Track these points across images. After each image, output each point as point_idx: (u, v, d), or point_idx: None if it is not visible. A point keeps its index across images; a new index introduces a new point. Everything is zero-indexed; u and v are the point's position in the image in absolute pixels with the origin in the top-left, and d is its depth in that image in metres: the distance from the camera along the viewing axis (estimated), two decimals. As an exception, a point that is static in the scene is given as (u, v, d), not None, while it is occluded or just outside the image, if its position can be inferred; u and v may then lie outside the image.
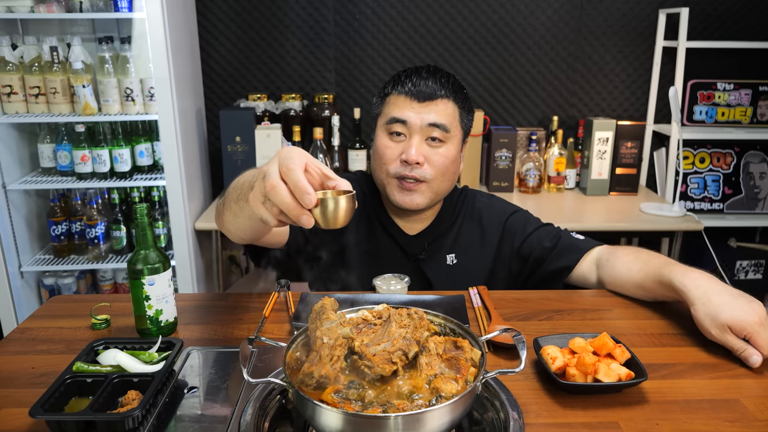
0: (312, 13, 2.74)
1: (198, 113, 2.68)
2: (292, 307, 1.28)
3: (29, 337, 1.17)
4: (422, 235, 1.43)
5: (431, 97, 1.29)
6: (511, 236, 1.45)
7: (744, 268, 2.93)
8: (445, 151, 1.31)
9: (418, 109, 1.29)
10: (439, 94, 1.30)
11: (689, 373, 1.04)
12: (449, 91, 1.31)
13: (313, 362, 0.83)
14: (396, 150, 1.32)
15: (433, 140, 1.30)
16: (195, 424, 0.90)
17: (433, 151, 1.31)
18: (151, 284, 1.11)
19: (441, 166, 1.31)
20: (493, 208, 1.49)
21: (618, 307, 1.30)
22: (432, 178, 1.31)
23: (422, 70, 1.33)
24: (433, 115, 1.29)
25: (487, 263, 1.44)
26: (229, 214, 1.07)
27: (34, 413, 0.83)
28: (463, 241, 1.45)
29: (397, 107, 1.31)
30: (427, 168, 1.30)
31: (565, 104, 2.90)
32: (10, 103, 2.31)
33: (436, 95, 1.29)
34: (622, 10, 2.78)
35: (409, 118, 1.29)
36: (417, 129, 1.29)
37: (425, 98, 1.29)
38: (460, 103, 1.34)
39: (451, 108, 1.31)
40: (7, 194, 2.40)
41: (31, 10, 2.26)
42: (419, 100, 1.29)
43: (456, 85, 1.34)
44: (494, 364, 1.06)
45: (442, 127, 1.29)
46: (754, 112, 2.86)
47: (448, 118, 1.30)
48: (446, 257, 1.44)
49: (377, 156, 1.35)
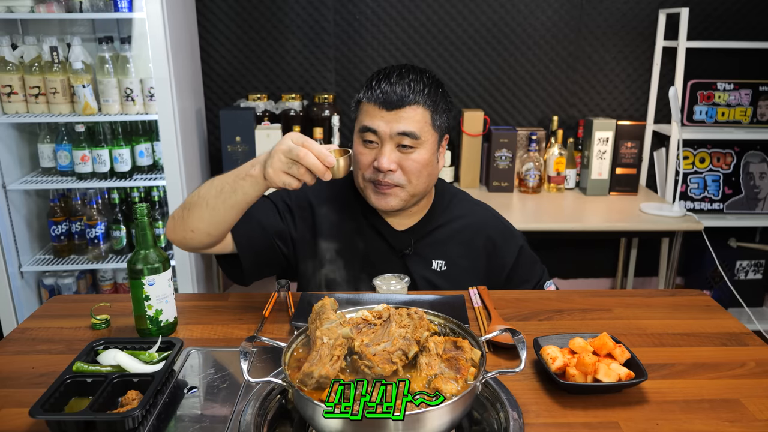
0: (312, 13, 2.74)
1: (198, 113, 2.68)
2: (292, 307, 1.28)
3: (29, 337, 1.17)
4: (410, 231, 1.45)
5: (399, 105, 1.28)
6: (500, 266, 1.48)
7: (744, 268, 2.93)
8: (417, 156, 1.32)
9: (387, 117, 1.29)
10: (407, 101, 1.28)
11: (689, 373, 1.04)
12: (419, 95, 1.29)
13: (313, 362, 0.83)
14: (369, 156, 1.33)
15: (404, 147, 1.31)
16: (195, 424, 0.90)
17: (405, 156, 1.31)
18: (151, 284, 1.11)
19: (413, 170, 1.32)
20: (487, 225, 1.49)
21: (618, 307, 1.30)
22: (406, 182, 1.33)
23: (393, 74, 1.31)
24: (402, 123, 1.28)
25: (471, 278, 1.45)
26: (204, 212, 1.21)
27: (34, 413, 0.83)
28: (454, 252, 1.46)
29: (368, 116, 1.31)
30: (399, 174, 1.32)
31: (565, 104, 2.90)
32: (10, 103, 2.31)
33: (404, 102, 1.28)
34: (622, 10, 2.78)
35: (378, 127, 1.29)
36: (387, 137, 1.30)
37: (393, 106, 1.28)
38: (432, 107, 1.32)
39: (420, 113, 1.30)
40: (7, 194, 2.40)
41: (31, 10, 2.26)
42: (387, 108, 1.29)
43: (429, 86, 1.32)
44: (494, 364, 1.06)
45: (411, 135, 1.29)
46: (754, 112, 2.86)
47: (417, 125, 1.29)
48: (433, 262, 1.45)
49: (354, 161, 1.37)
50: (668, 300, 1.34)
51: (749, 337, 1.17)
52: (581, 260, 3.14)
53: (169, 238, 1.30)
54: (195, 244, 1.28)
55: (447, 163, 2.77)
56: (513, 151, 2.70)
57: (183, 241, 1.29)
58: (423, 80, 1.32)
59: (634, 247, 3.08)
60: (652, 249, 3.04)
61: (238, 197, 1.18)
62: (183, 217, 1.25)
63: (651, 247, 3.06)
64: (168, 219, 1.31)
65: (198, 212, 1.22)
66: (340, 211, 1.45)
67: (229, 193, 1.18)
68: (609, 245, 3.11)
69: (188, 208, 1.25)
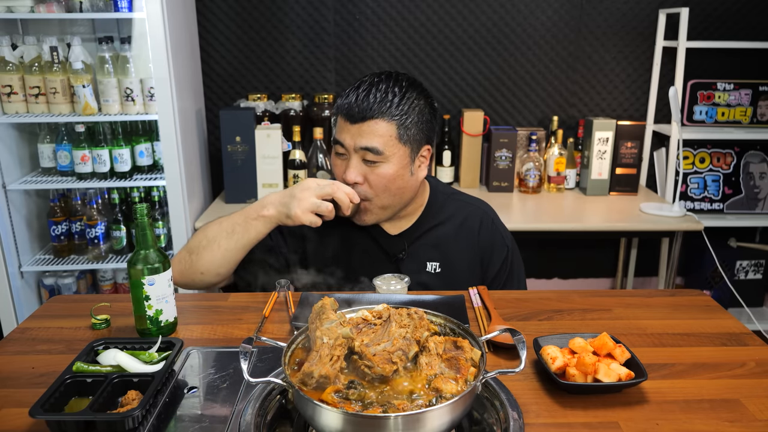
0: (312, 13, 2.74)
1: (198, 113, 2.68)
2: (292, 307, 1.28)
3: (29, 337, 1.17)
4: (403, 235, 1.44)
5: (361, 119, 1.27)
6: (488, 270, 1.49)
7: (744, 268, 2.93)
8: (382, 171, 1.30)
9: (352, 130, 1.29)
10: (368, 114, 1.27)
11: (689, 373, 1.04)
12: (383, 108, 1.27)
13: (313, 362, 0.83)
14: (341, 168, 1.35)
15: (369, 161, 1.30)
16: (195, 424, 0.90)
17: (371, 170, 1.31)
18: (151, 284, 1.11)
19: (379, 185, 1.32)
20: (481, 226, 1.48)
21: (618, 307, 1.30)
22: (372, 195, 1.33)
23: (364, 84, 1.30)
24: (364, 138, 1.28)
25: (465, 278, 1.45)
26: (216, 253, 1.31)
27: (34, 413, 0.83)
28: (448, 253, 1.45)
29: (338, 128, 1.33)
30: (366, 187, 1.32)
31: (565, 104, 2.90)
32: (10, 103, 2.31)
33: (366, 116, 1.27)
34: (622, 10, 2.78)
35: (344, 141, 1.30)
36: (352, 151, 1.30)
37: (355, 120, 1.28)
38: (398, 120, 1.28)
39: (384, 128, 1.27)
40: (7, 194, 2.40)
41: (31, 10, 2.26)
42: (351, 121, 1.29)
43: (399, 96, 1.28)
44: (494, 364, 1.06)
45: (373, 151, 1.28)
46: (754, 112, 2.86)
47: (379, 140, 1.27)
48: (427, 264, 1.44)
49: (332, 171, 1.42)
50: (668, 300, 1.34)
51: (749, 337, 1.17)
52: (581, 260, 3.14)
53: (177, 284, 1.36)
54: (204, 285, 1.37)
55: (447, 163, 2.77)
56: (513, 151, 2.71)
57: (191, 284, 1.37)
58: (393, 91, 1.28)
59: (634, 247, 3.08)
60: (652, 249, 3.04)
61: (250, 236, 1.30)
62: (191, 261, 1.34)
63: (651, 247, 3.06)
64: (172, 263, 1.34)
65: (209, 254, 1.32)
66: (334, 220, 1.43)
67: (242, 234, 1.30)
68: (609, 245, 3.11)
69: (196, 252, 1.33)
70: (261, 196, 2.58)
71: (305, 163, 2.59)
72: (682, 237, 2.45)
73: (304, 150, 2.60)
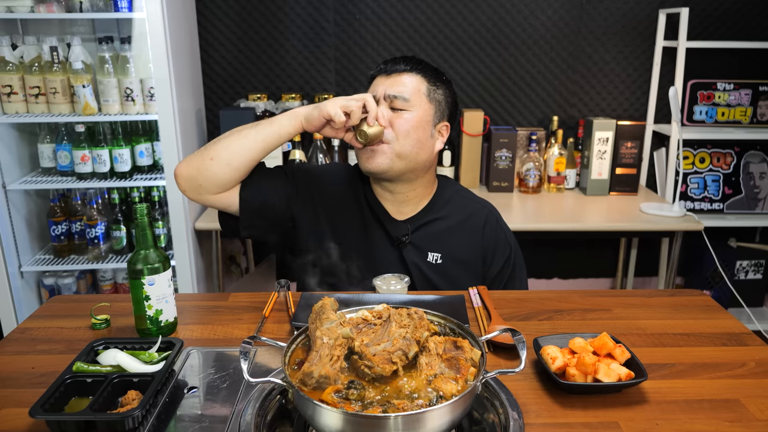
0: (312, 13, 2.74)
1: (198, 113, 2.68)
2: (292, 307, 1.28)
3: (29, 337, 1.17)
4: (409, 221, 1.47)
5: (396, 71, 1.41)
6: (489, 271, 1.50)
7: (744, 268, 2.93)
8: (408, 116, 1.38)
9: (385, 82, 1.41)
10: (404, 68, 1.41)
11: (689, 373, 1.04)
12: (417, 66, 1.42)
13: (313, 362, 0.83)
14: None
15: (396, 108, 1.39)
16: (195, 424, 0.90)
17: (397, 115, 1.38)
18: (151, 284, 1.11)
19: (402, 128, 1.38)
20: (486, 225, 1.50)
21: (618, 307, 1.30)
22: (393, 138, 1.38)
23: (400, 57, 1.46)
24: (395, 87, 1.39)
25: (465, 275, 1.46)
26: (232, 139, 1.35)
27: (34, 413, 0.83)
28: (450, 247, 1.47)
29: (374, 85, 1.44)
30: (389, 131, 1.38)
31: (565, 104, 2.90)
32: (10, 103, 2.31)
33: (401, 69, 1.41)
34: (622, 10, 2.78)
35: (377, 92, 1.40)
36: (382, 98, 1.40)
37: (391, 72, 1.41)
38: (428, 79, 1.42)
39: (415, 81, 1.40)
40: (7, 194, 2.40)
41: (31, 10, 2.26)
42: (387, 73, 1.42)
43: (427, 67, 1.45)
44: (494, 364, 1.06)
45: (400, 97, 1.38)
46: (754, 112, 2.86)
47: (408, 90, 1.39)
48: (429, 254, 1.46)
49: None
50: (668, 300, 1.34)
51: (749, 337, 1.17)
52: (581, 260, 3.14)
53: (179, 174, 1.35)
54: (208, 175, 1.33)
55: (447, 163, 2.77)
56: (513, 151, 2.71)
57: (196, 173, 1.34)
58: (424, 63, 1.45)
59: (634, 247, 3.08)
60: (652, 249, 3.04)
61: (273, 129, 1.34)
62: (205, 148, 1.35)
63: (651, 247, 3.06)
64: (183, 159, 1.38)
65: (225, 141, 1.35)
66: (343, 197, 1.50)
67: (266, 125, 1.35)
68: (609, 245, 3.11)
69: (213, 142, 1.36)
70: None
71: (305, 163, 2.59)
72: (682, 237, 2.45)
73: (304, 150, 2.60)
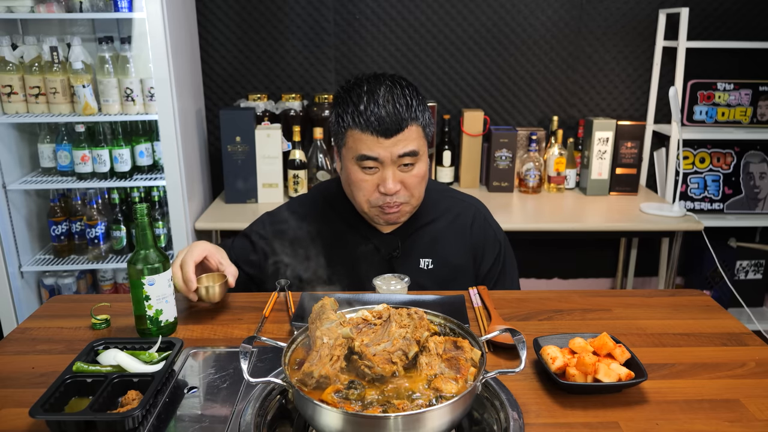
0: (312, 13, 2.74)
1: (198, 113, 2.68)
2: (292, 307, 1.28)
3: (29, 337, 1.17)
4: (396, 233, 1.44)
5: (398, 130, 1.25)
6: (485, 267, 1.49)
7: (744, 268, 2.93)
8: (417, 171, 1.31)
9: (387, 144, 1.26)
10: (404, 125, 1.25)
11: (689, 373, 1.04)
12: (412, 113, 1.27)
13: (313, 362, 0.83)
14: (372, 182, 1.31)
15: (405, 165, 1.30)
16: (195, 424, 0.90)
17: (407, 174, 1.31)
18: (151, 284, 1.11)
19: (414, 185, 1.33)
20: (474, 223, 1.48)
21: (618, 307, 1.30)
22: (409, 197, 1.34)
23: (376, 96, 1.25)
24: (401, 146, 1.26)
25: (458, 276, 1.45)
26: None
27: (34, 413, 0.83)
28: (441, 250, 1.45)
29: (365, 145, 1.27)
30: (403, 192, 1.32)
31: (565, 104, 2.90)
32: (10, 103, 2.31)
33: (402, 126, 1.25)
34: (622, 10, 2.78)
35: (380, 156, 1.27)
36: (389, 162, 1.28)
37: (392, 133, 1.25)
38: (423, 120, 1.30)
39: (415, 131, 1.29)
40: (7, 194, 2.40)
41: (31, 10, 2.26)
42: (386, 136, 1.25)
43: (414, 98, 1.28)
44: (494, 364, 1.06)
45: (411, 154, 1.28)
46: (754, 112, 2.86)
47: (416, 143, 1.29)
48: (420, 260, 1.44)
49: (355, 188, 1.34)
50: (668, 300, 1.34)
51: (749, 337, 1.17)
52: (581, 260, 3.14)
53: None
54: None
55: (447, 163, 2.77)
56: (513, 151, 2.71)
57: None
58: (406, 94, 1.27)
59: (634, 247, 3.08)
60: (652, 249, 3.04)
61: None
62: None
63: (651, 247, 3.06)
64: None
65: None
66: (321, 224, 1.44)
67: None
68: (609, 245, 3.11)
69: None
70: (261, 196, 2.59)
71: (305, 163, 2.59)
72: (682, 237, 2.45)
73: (304, 150, 2.60)
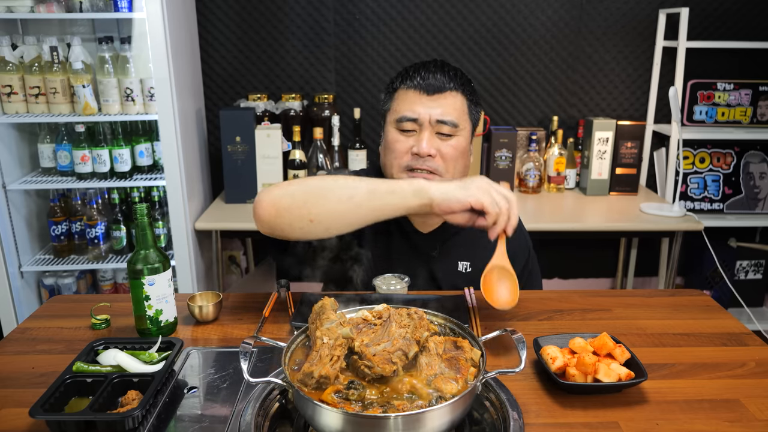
0: (312, 13, 2.74)
1: (198, 113, 2.68)
2: (292, 307, 1.28)
3: (29, 337, 1.17)
4: (435, 234, 1.42)
5: (440, 90, 1.28)
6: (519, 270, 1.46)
7: (744, 268, 2.93)
8: (456, 143, 1.30)
9: (428, 103, 1.28)
10: (447, 86, 1.29)
11: (689, 373, 1.04)
12: (457, 83, 1.30)
13: (313, 362, 0.83)
14: (407, 143, 1.31)
15: (443, 135, 1.30)
16: (195, 424, 0.90)
17: (444, 143, 1.30)
18: (151, 284, 1.11)
19: (451, 157, 1.30)
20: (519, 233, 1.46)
21: (618, 307, 1.30)
22: (443, 169, 1.31)
23: (430, 64, 1.32)
24: (441, 110, 1.28)
25: None
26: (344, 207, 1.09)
27: (34, 413, 0.83)
28: (479, 253, 1.42)
29: (407, 102, 1.30)
30: (438, 160, 1.30)
31: (565, 104, 2.90)
32: (10, 103, 2.31)
33: (445, 88, 1.28)
34: (622, 10, 2.78)
35: (419, 115, 1.28)
36: (426, 123, 1.28)
37: (434, 91, 1.28)
38: (469, 96, 1.33)
39: (459, 101, 1.30)
40: (7, 194, 2.40)
41: (31, 10, 2.26)
42: (428, 93, 1.28)
43: (464, 78, 1.34)
44: (494, 364, 1.06)
45: (450, 124, 1.28)
46: (754, 112, 2.86)
47: (456, 113, 1.29)
48: (458, 263, 1.43)
49: (388, 150, 1.34)
50: (668, 300, 1.34)
51: (749, 337, 1.17)
52: (581, 260, 3.14)
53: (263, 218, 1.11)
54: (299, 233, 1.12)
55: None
56: (513, 151, 2.71)
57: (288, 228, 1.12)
58: (460, 72, 1.33)
59: (634, 247, 3.08)
60: (652, 249, 3.04)
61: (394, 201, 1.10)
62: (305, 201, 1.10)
63: (651, 247, 3.06)
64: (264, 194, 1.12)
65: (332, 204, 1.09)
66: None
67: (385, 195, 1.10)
68: (609, 245, 3.11)
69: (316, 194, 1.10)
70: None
71: (305, 163, 2.59)
72: (682, 237, 2.45)
73: (304, 150, 2.60)
